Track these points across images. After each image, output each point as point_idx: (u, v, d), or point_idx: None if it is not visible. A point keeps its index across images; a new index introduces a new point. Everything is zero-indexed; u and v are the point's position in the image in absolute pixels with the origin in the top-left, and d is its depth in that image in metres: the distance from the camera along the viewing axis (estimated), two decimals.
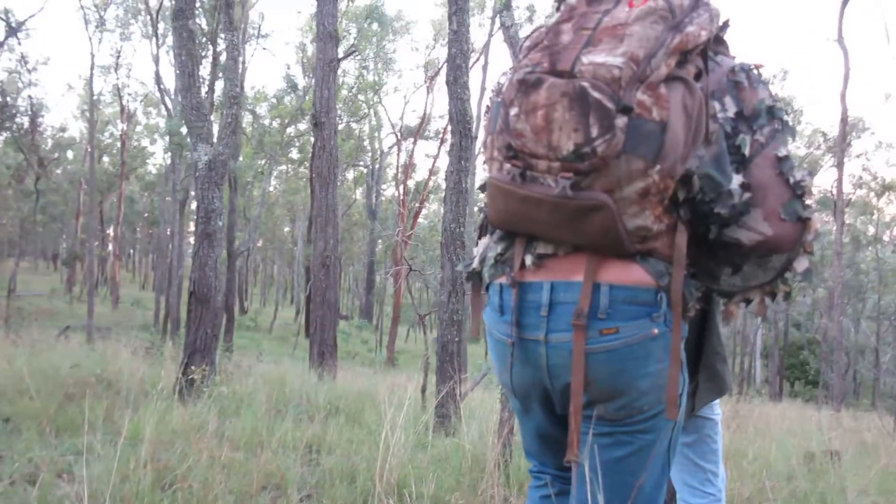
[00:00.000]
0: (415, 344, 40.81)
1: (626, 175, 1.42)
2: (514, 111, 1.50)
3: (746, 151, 1.51)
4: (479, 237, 1.76)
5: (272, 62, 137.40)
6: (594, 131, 1.40)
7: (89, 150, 30.37)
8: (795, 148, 31.41)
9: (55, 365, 6.61)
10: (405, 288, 27.63)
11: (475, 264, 1.72)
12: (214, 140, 7.39)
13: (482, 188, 1.69)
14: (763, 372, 36.48)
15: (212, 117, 20.81)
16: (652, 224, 1.48)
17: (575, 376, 1.50)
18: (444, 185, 6.49)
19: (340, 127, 30.88)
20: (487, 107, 1.65)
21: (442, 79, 32.93)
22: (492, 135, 1.58)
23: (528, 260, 1.56)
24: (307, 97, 29.99)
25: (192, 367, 6.41)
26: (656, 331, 1.49)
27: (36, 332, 12.17)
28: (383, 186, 44.04)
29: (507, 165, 1.53)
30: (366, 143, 39.43)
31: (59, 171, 49.87)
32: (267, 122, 33.61)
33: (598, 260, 1.51)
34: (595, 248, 1.50)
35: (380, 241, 39.94)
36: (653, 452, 1.55)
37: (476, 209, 1.83)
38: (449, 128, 6.52)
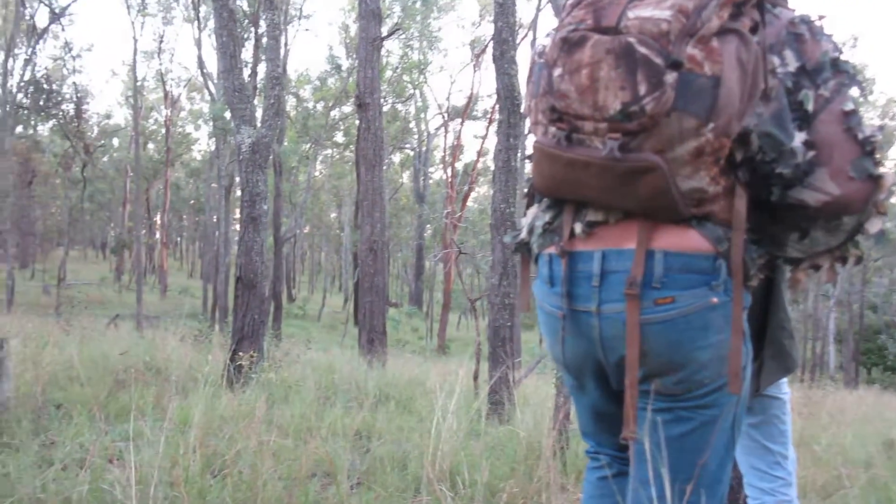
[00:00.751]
0: (466, 331, 40.90)
1: (678, 134, 1.40)
2: (557, 71, 1.49)
3: (810, 107, 1.48)
4: (528, 206, 1.75)
5: (315, 43, 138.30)
6: (642, 89, 1.38)
7: (134, 136, 31.07)
8: (868, 118, 30.36)
9: (105, 353, 6.79)
10: (455, 273, 27.68)
11: (523, 234, 1.71)
12: (258, 123, 7.49)
13: (530, 157, 1.67)
14: (837, 358, 35.52)
15: (255, 101, 21.12)
16: (707, 186, 1.45)
17: (629, 349, 1.48)
18: (493, 167, 6.44)
19: (385, 108, 31.03)
20: (530, 69, 1.63)
21: (489, 56, 32.76)
22: (535, 98, 1.57)
23: (578, 228, 1.56)
24: (351, 78, 30.17)
25: (240, 354, 6.52)
26: (715, 300, 1.46)
27: (86, 321, 12.54)
28: (430, 169, 44.06)
29: (552, 129, 1.52)
30: (412, 124, 39.51)
31: (105, 159, 51.22)
32: (311, 105, 33.95)
33: (650, 226, 1.48)
34: (647, 214, 1.48)
35: (428, 224, 40.05)
36: (715, 429, 1.53)
37: (525, 181, 1.83)
38: (497, 106, 6.47)
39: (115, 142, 52.84)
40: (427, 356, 18.86)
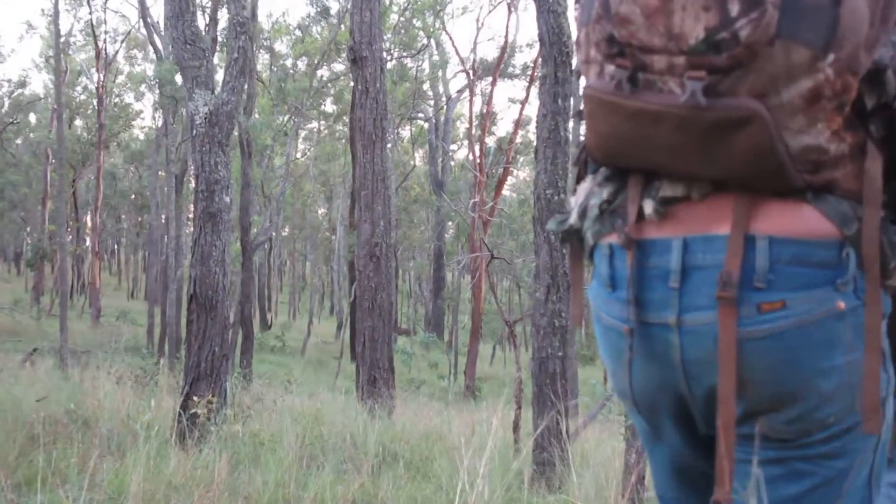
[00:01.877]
0: (503, 366, 40.87)
1: (785, 71, 1.37)
2: None
3: None
4: (578, 180, 1.73)
5: None
6: (734, 8, 1.36)
7: (56, 110, 31.42)
8: None
9: (17, 399, 6.84)
10: (487, 287, 27.63)
11: (573, 219, 1.69)
12: (217, 86, 7.50)
13: (579, 113, 1.66)
14: None
15: (214, 58, 21.20)
16: (828, 143, 1.42)
17: (723, 376, 1.46)
18: (535, 140, 6.40)
19: (389, 65, 31.10)
20: None
21: None
22: (586, 26, 1.57)
23: (649, 207, 1.53)
24: (343, 26, 30.27)
25: (195, 399, 6.55)
26: (843, 304, 1.44)
27: None
28: (452, 147, 44.25)
29: (610, 67, 1.52)
30: (425, 86, 39.64)
31: (18, 142, 51.98)
32: (290, 62, 34.17)
33: (750, 202, 1.46)
34: (744, 184, 1.45)
35: (450, 222, 40.12)
36: (845, 487, 1.50)
37: (574, 148, 1.78)
38: (540, 58, 6.40)
39: (32, 118, 53.64)
40: (450, 401, 18.81)
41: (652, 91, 1.45)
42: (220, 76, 9.08)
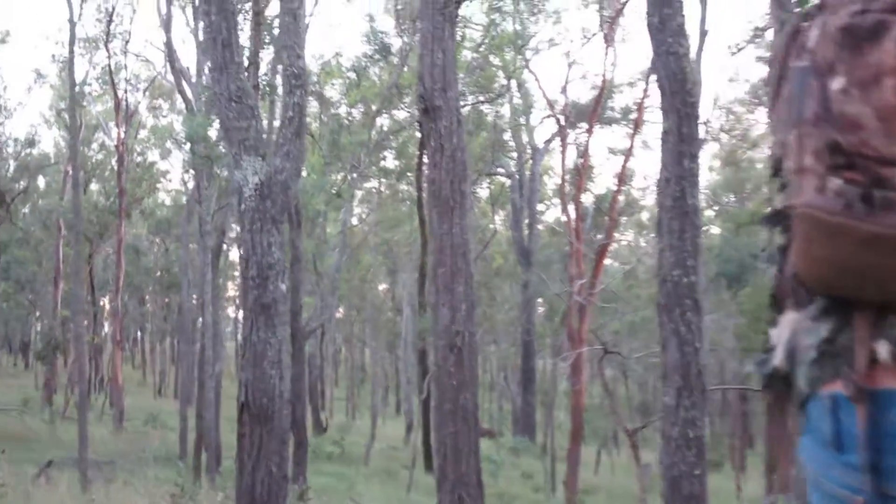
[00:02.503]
0: (610, 474, 40.22)
1: None
2: (838, 83, 1.47)
3: None
4: (779, 311, 1.71)
5: (346, 13, 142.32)
6: None
7: (71, 173, 32.19)
8: None
9: None
10: (589, 379, 27.37)
11: (778, 360, 1.66)
12: (269, 150, 7.59)
13: (774, 217, 1.66)
14: None
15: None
16: None
17: None
18: (641, 200, 6.33)
19: (464, 110, 31.31)
20: (777, 75, 1.64)
21: (630, 19, 32.67)
22: (796, 127, 1.56)
23: (884, 350, 1.49)
24: (405, 67, 30.63)
25: None
26: None
27: (6, 469, 12.82)
28: (540, 207, 44.23)
29: (836, 182, 1.49)
30: (506, 135, 39.80)
31: (26, 210, 53.17)
32: (343, 110, 34.57)
33: None
34: None
35: (540, 300, 39.93)
36: None
37: (764, 252, 1.76)
38: (649, 101, 6.38)
39: (42, 183, 54.94)
40: None
41: (893, 212, 1.44)
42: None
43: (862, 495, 1.50)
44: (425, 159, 30.93)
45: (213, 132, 23.51)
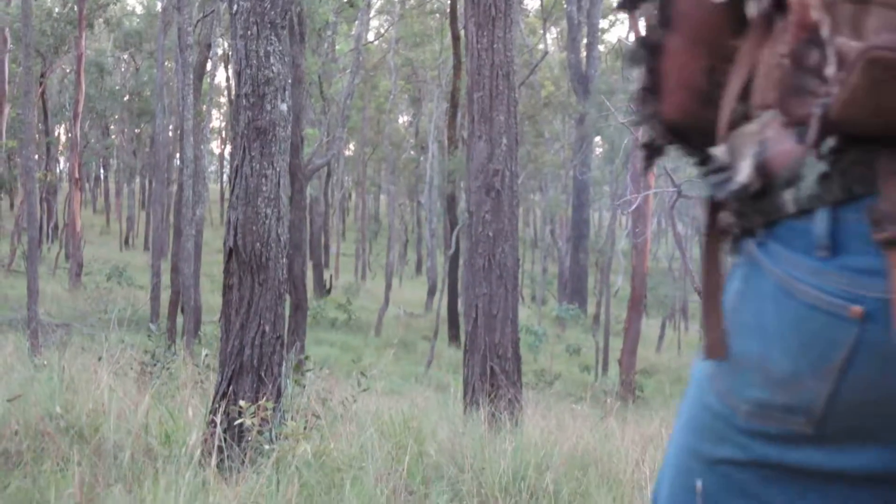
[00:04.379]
0: (676, 353, 40.49)
1: None
2: None
3: None
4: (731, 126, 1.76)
5: None
6: None
7: None
8: None
9: None
10: (655, 237, 27.39)
11: (745, 175, 1.72)
12: None
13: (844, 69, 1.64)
14: None
15: None
16: None
17: None
18: None
19: None
20: None
21: None
22: None
23: None
24: None
25: (240, 403, 6.60)
26: None
27: None
28: (602, 24, 43.59)
29: None
30: None
31: None
32: None
33: None
34: None
35: (598, 137, 39.74)
36: None
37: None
38: None
39: None
40: (602, 403, 18.84)
41: None
42: None
43: (863, 304, 1.56)
44: None
45: None
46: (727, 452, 1.77)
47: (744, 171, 1.71)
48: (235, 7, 7.21)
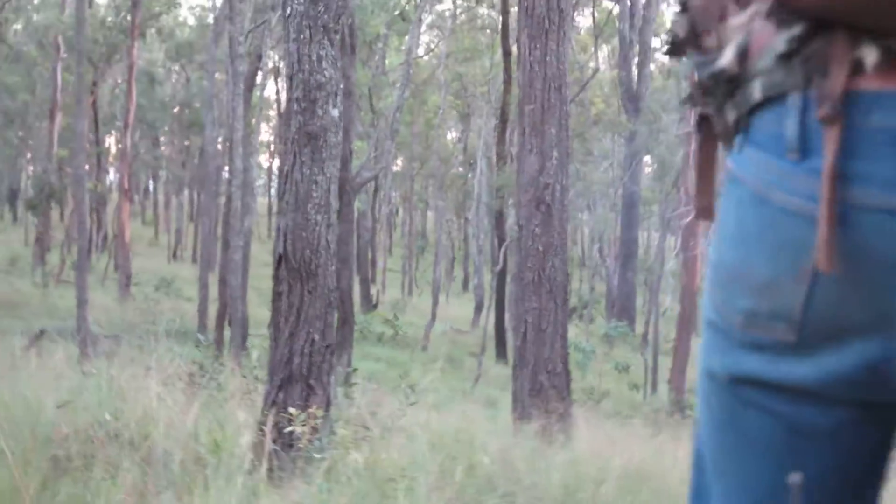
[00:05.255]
0: None
1: None
2: None
3: None
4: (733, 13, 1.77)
5: None
6: None
7: None
8: None
9: (29, 402, 7.01)
10: (703, 255, 27.25)
11: (727, 60, 1.73)
12: None
13: None
14: None
15: None
16: None
17: None
18: None
19: None
20: None
21: None
22: None
23: (872, 55, 1.56)
24: None
25: (290, 410, 6.58)
26: None
27: None
28: (654, 42, 43.46)
29: None
30: None
31: (18, 27, 53.30)
32: None
33: None
34: None
35: (649, 156, 39.63)
36: None
37: None
38: None
39: None
40: (652, 419, 18.74)
41: None
42: None
43: (817, 203, 1.56)
44: None
45: None
46: (729, 366, 1.78)
47: (726, 56, 1.72)
48: (289, 10, 7.22)
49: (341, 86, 7.50)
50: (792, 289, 1.65)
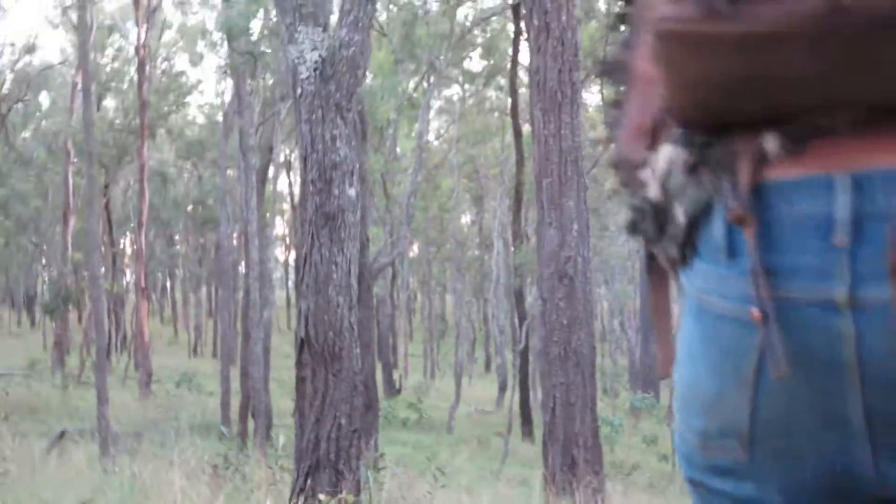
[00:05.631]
0: None
1: None
2: None
3: None
4: (649, 147, 1.79)
5: None
6: None
7: (81, 82, 32.37)
8: None
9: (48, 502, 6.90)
10: None
11: (653, 192, 1.73)
12: (331, 18, 7.46)
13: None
14: None
15: None
16: None
17: None
18: None
19: None
20: None
21: None
22: None
23: (773, 143, 1.57)
24: None
25: (319, 497, 6.46)
26: None
27: (10, 442, 12.99)
28: None
29: None
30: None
31: (27, 135, 53.79)
32: None
33: None
34: None
35: None
36: None
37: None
38: None
39: (45, 99, 55.52)
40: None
41: (759, 3, 1.48)
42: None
43: (759, 305, 1.53)
44: (521, 53, 30.52)
45: (255, 24, 23.50)
46: (700, 482, 1.75)
47: (652, 188, 1.74)
48: (299, 90, 7.18)
49: (356, 165, 7.43)
50: (737, 400, 1.64)
